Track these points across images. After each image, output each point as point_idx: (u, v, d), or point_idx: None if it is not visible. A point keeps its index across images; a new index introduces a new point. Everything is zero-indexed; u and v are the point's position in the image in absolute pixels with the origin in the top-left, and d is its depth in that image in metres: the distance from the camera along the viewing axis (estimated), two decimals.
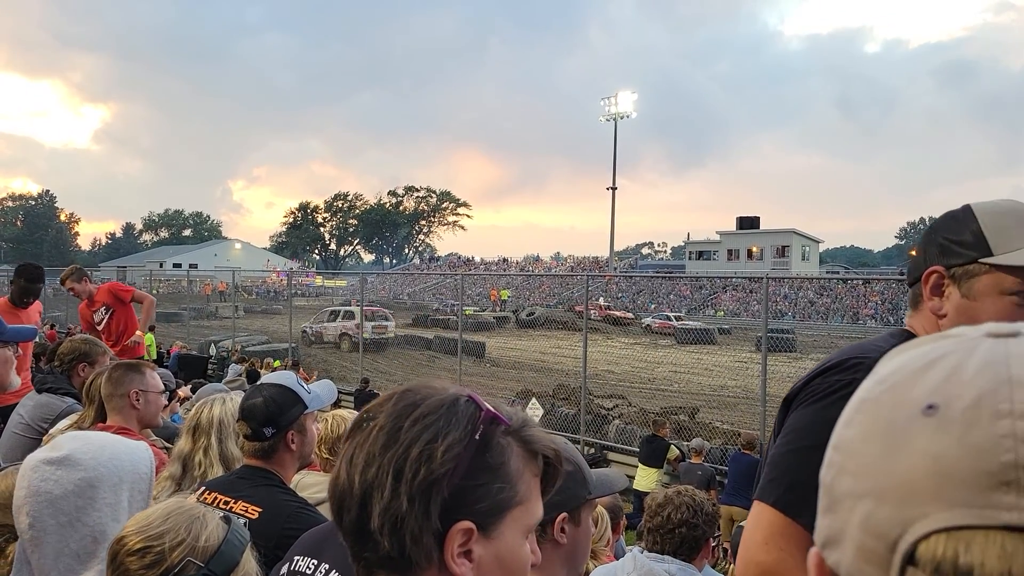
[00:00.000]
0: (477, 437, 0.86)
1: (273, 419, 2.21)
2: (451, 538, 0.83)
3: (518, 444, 0.90)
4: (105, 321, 6.15)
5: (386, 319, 25.50)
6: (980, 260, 1.25)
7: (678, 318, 32.57)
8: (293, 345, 20.60)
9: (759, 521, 1.28)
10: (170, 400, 4.44)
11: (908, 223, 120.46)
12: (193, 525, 1.33)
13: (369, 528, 0.84)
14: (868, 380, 0.49)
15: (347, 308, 26.04)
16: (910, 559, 0.42)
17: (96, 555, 1.50)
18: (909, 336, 1.31)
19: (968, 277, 1.26)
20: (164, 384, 4.38)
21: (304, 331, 24.45)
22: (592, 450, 12.13)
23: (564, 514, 1.40)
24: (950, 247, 1.29)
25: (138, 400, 2.88)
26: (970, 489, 0.40)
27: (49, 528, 1.49)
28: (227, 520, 1.40)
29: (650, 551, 2.45)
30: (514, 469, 0.89)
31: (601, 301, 38.52)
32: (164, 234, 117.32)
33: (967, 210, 1.30)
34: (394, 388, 0.94)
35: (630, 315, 33.84)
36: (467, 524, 0.84)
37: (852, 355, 1.30)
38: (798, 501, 1.23)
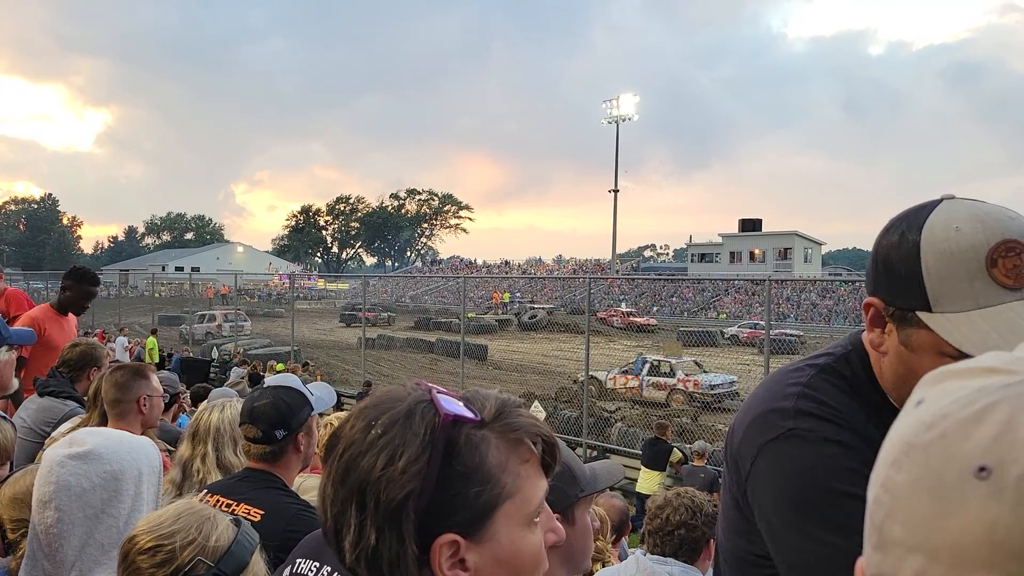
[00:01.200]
0: (439, 447, 0.80)
1: (284, 421, 2.20)
2: (435, 555, 0.79)
3: (496, 435, 0.83)
4: None
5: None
6: (917, 312, 1.03)
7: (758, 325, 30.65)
8: (295, 348, 20.62)
9: None
10: (171, 404, 4.44)
11: None
12: (204, 525, 1.35)
13: (347, 563, 0.80)
14: (911, 416, 0.47)
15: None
16: None
17: (117, 545, 1.52)
18: (842, 362, 1.17)
19: (906, 324, 1.05)
20: (168, 388, 4.40)
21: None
22: (594, 453, 12.13)
23: (556, 515, 1.40)
24: (891, 282, 1.06)
25: (145, 406, 2.88)
26: (1022, 562, 0.40)
27: (77, 521, 1.53)
28: (237, 522, 1.42)
29: (652, 553, 2.45)
30: (493, 465, 0.82)
31: (623, 307, 38.02)
32: (166, 237, 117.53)
33: (913, 243, 1.03)
34: (360, 404, 0.89)
35: (653, 321, 33.19)
36: (449, 537, 0.80)
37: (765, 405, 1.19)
38: None
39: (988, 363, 0.47)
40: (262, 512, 2.06)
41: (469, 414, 0.83)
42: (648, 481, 9.81)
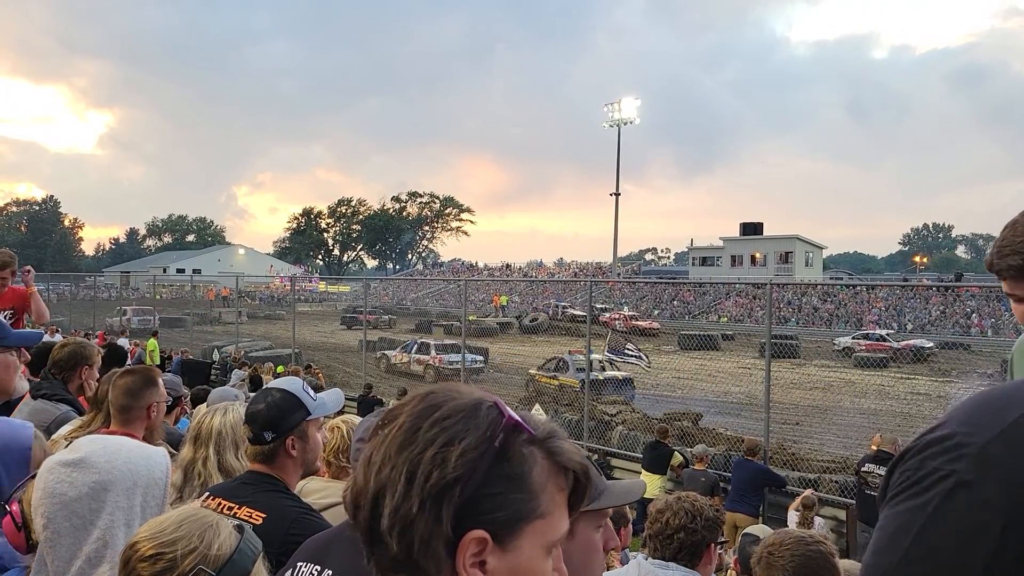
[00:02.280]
0: (496, 444, 0.83)
1: (274, 424, 2.22)
2: (464, 547, 0.81)
3: (543, 455, 0.87)
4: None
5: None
6: None
7: (887, 336, 28.11)
8: (296, 350, 20.62)
9: None
10: (174, 407, 4.44)
11: (912, 229, 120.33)
12: (206, 533, 1.34)
13: (380, 528, 0.82)
14: None
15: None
16: None
17: (105, 558, 1.51)
18: None
19: None
20: (171, 391, 4.40)
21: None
22: (596, 456, 12.12)
23: None
24: None
25: (153, 412, 2.88)
26: None
27: (63, 530, 1.51)
28: (240, 529, 1.41)
29: (653, 558, 2.45)
30: (536, 481, 0.85)
31: (626, 311, 37.76)
32: (168, 239, 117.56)
33: None
34: (422, 390, 0.92)
35: (656, 325, 32.86)
36: (481, 533, 0.82)
37: (957, 427, 0.79)
38: None
39: None
40: (264, 515, 2.06)
41: (529, 427, 0.87)
42: (649, 485, 9.79)
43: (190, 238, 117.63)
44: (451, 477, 0.80)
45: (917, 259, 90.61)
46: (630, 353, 14.64)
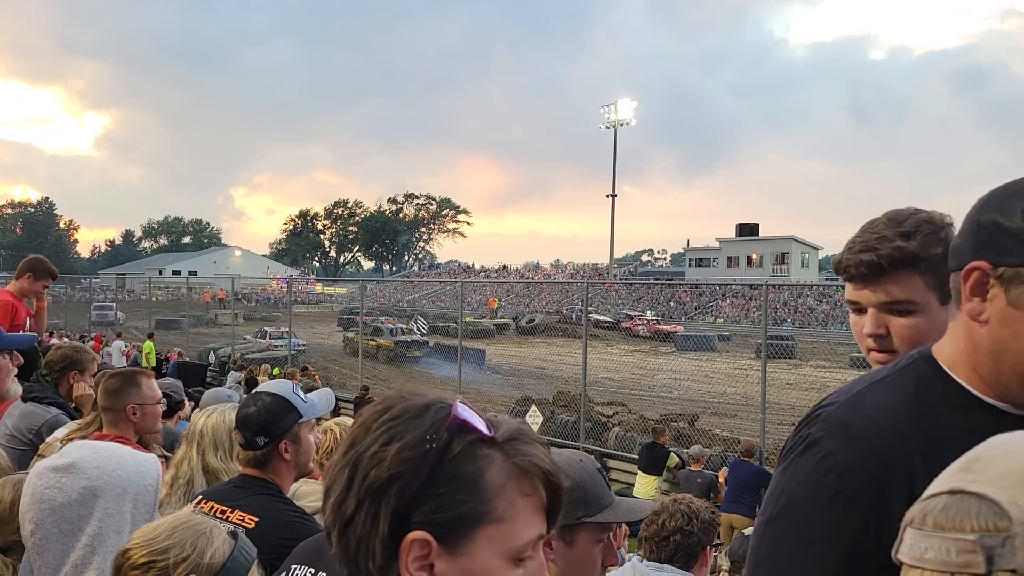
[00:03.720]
0: (439, 444, 0.81)
1: (266, 428, 2.20)
2: (405, 548, 0.80)
3: (503, 458, 0.84)
4: None
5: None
6: None
7: None
8: (293, 352, 20.61)
9: None
10: (174, 411, 4.43)
11: None
12: (199, 541, 1.32)
13: (325, 523, 0.84)
14: None
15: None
16: None
17: (92, 564, 1.49)
18: (926, 369, 1.08)
19: (1019, 282, 0.98)
20: (173, 394, 4.39)
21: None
22: (591, 457, 12.11)
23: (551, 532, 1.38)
24: (1000, 238, 0.99)
25: (135, 414, 2.87)
26: None
27: (51, 536, 1.49)
28: (234, 536, 1.40)
29: (648, 559, 2.45)
30: (489, 483, 0.82)
31: (649, 315, 37.24)
32: (163, 241, 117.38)
33: None
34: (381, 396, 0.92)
35: (681, 328, 32.19)
36: (421, 534, 0.80)
37: (819, 405, 1.10)
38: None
39: None
40: (256, 519, 2.05)
41: (482, 427, 0.84)
42: (645, 486, 9.80)
43: (186, 240, 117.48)
44: (386, 476, 0.80)
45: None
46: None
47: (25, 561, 1.54)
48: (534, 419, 13.14)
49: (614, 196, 67.09)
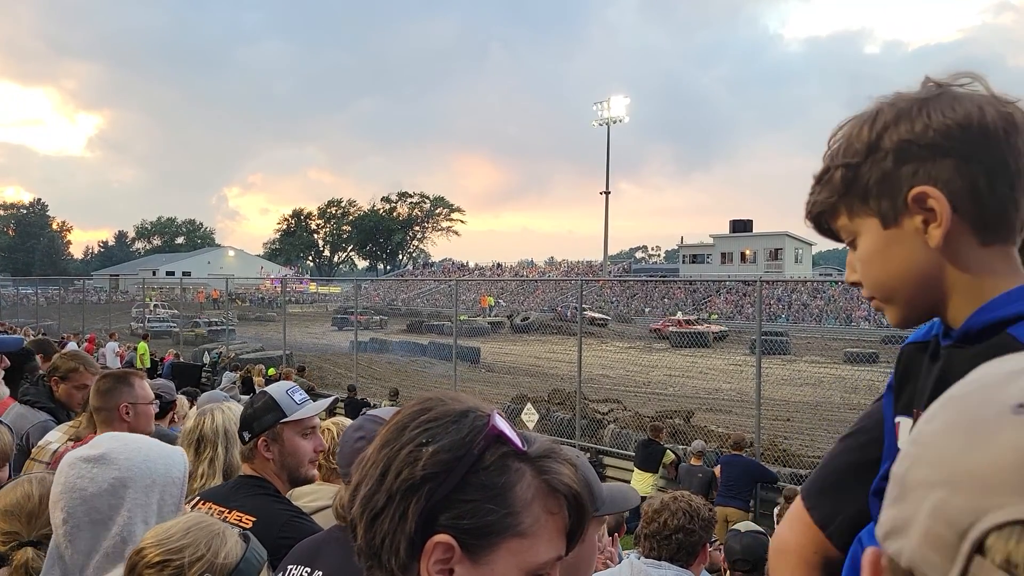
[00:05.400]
0: (474, 451, 0.82)
1: (248, 424, 2.27)
2: (428, 550, 0.80)
3: (533, 474, 0.84)
4: None
5: None
6: None
7: None
8: (287, 352, 20.56)
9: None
10: (166, 411, 4.41)
11: None
12: (213, 541, 1.34)
13: (353, 515, 0.85)
14: (955, 384, 0.49)
15: None
16: (979, 548, 0.42)
17: (124, 555, 1.50)
18: None
19: None
20: (165, 394, 4.36)
21: None
22: (588, 455, 12.11)
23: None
24: None
25: (127, 414, 2.87)
26: None
27: (83, 525, 1.52)
28: (246, 538, 1.41)
29: (647, 557, 2.45)
30: (518, 497, 0.83)
31: (679, 316, 36.44)
32: (157, 242, 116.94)
33: None
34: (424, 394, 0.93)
35: (715, 328, 30.13)
36: (446, 538, 0.80)
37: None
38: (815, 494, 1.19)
39: None
40: (254, 519, 2.05)
41: (517, 441, 0.85)
42: (641, 483, 9.81)
43: (179, 240, 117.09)
44: (420, 476, 0.80)
45: None
46: None
47: (53, 548, 1.55)
48: (530, 417, 13.14)
49: (608, 193, 67.13)
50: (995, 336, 0.90)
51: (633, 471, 10.24)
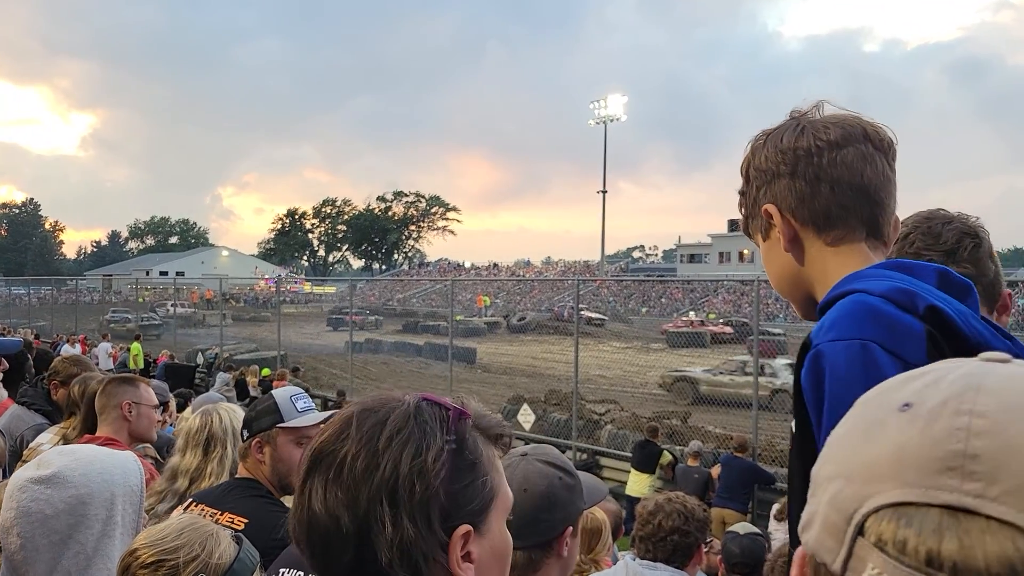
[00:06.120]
0: (454, 438, 0.84)
1: (248, 423, 2.29)
2: (454, 546, 0.81)
3: (480, 432, 0.89)
4: None
5: None
6: None
7: None
8: (282, 353, 20.50)
9: None
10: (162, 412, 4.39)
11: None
12: (207, 542, 1.35)
13: (376, 567, 0.79)
14: (868, 391, 0.55)
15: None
16: (860, 530, 0.48)
17: (88, 570, 1.49)
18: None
19: None
20: (159, 396, 4.34)
21: None
22: (584, 456, 12.10)
23: (570, 527, 1.40)
24: None
25: (130, 412, 2.87)
26: (921, 471, 0.46)
27: (41, 547, 1.49)
28: (239, 540, 1.42)
29: (642, 559, 2.43)
30: (486, 459, 0.87)
31: (692, 315, 35.34)
32: (150, 242, 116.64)
33: None
34: (344, 409, 0.88)
35: (729, 328, 26.31)
36: (466, 528, 0.82)
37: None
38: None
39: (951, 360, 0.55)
40: (246, 520, 2.05)
41: (465, 410, 0.88)
42: (638, 483, 9.80)
43: (173, 240, 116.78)
44: (435, 485, 0.80)
45: None
46: None
47: (6, 567, 1.52)
48: (526, 417, 13.13)
49: (605, 192, 67.14)
50: None
51: (630, 472, 10.22)
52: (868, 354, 0.91)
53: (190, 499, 2.25)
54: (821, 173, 1.08)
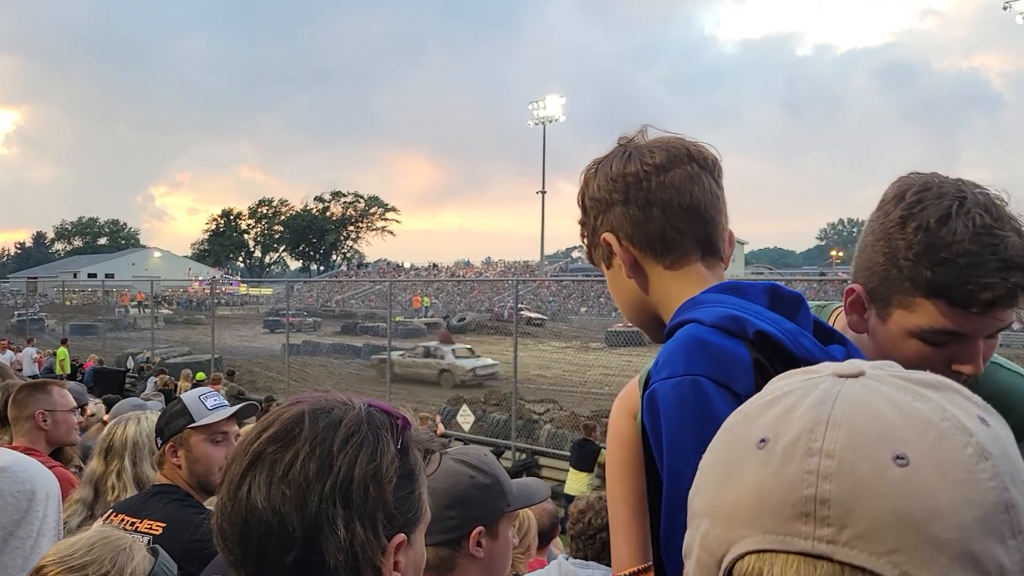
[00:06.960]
0: (400, 446, 0.83)
1: (160, 430, 2.26)
2: (389, 554, 0.80)
3: (413, 444, 0.88)
4: None
5: None
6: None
7: None
8: (217, 356, 20.03)
9: None
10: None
11: (828, 224, 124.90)
12: (119, 556, 1.29)
13: (321, 569, 0.76)
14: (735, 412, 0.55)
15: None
16: (730, 574, 0.49)
17: (23, 568, 1.46)
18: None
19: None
20: (77, 398, 4.19)
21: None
22: (524, 456, 12.15)
23: (481, 527, 1.38)
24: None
25: (45, 421, 2.80)
26: (776, 517, 0.47)
27: None
28: (155, 552, 1.37)
29: (575, 557, 2.45)
30: (420, 472, 0.87)
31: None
32: (78, 243, 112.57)
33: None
34: (290, 407, 0.84)
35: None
36: (401, 537, 0.81)
37: None
38: None
39: (803, 369, 0.55)
40: (164, 525, 2.04)
41: (408, 418, 0.87)
42: (576, 482, 9.88)
43: (102, 241, 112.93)
44: (389, 490, 0.80)
45: (833, 253, 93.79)
46: None
47: None
48: (466, 418, 13.11)
49: (544, 193, 67.58)
50: None
51: (569, 471, 10.30)
52: (698, 389, 0.92)
53: (111, 510, 2.20)
54: (652, 197, 1.08)
